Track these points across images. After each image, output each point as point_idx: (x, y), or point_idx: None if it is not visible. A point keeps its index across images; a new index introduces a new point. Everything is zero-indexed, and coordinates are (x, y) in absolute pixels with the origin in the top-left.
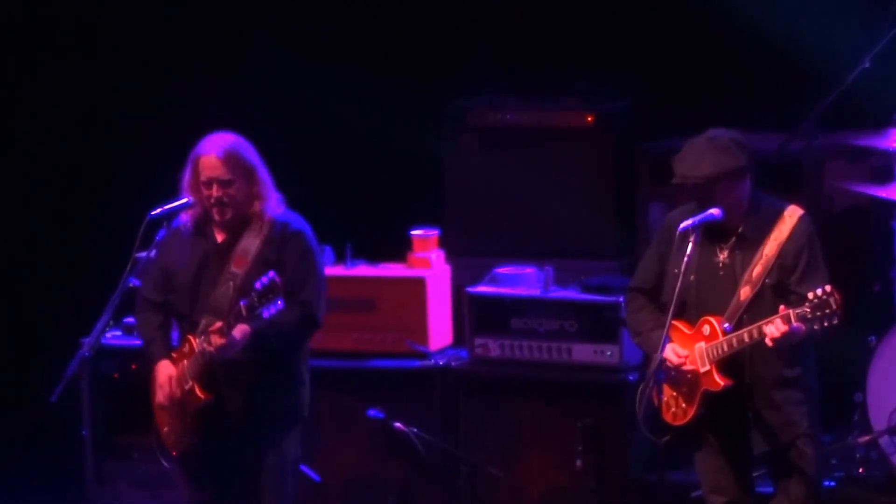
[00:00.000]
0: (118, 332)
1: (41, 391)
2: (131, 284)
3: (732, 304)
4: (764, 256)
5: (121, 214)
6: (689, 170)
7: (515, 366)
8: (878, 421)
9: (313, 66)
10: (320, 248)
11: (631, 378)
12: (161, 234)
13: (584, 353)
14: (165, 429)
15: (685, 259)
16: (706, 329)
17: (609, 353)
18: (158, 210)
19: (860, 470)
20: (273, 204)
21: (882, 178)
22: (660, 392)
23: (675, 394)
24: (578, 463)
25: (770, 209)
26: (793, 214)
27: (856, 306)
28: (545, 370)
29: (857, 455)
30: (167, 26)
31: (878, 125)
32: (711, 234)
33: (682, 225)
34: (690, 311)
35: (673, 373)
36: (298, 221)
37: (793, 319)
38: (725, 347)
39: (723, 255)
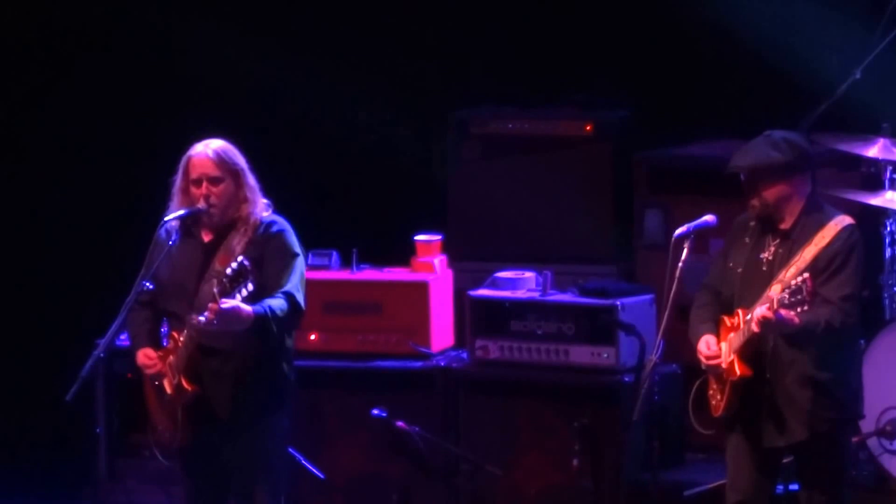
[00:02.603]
0: None
1: (57, 390)
2: (145, 287)
3: (762, 299)
4: (802, 259)
5: (136, 217)
6: (736, 160)
7: (514, 367)
8: (867, 423)
9: (320, 76)
10: (303, 250)
11: (627, 380)
12: (174, 239)
13: (581, 355)
14: (160, 427)
15: (679, 265)
16: (736, 321)
17: (605, 355)
18: (172, 215)
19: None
20: (259, 208)
21: (872, 185)
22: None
23: (715, 386)
24: (574, 462)
25: (821, 216)
26: (839, 223)
27: None
28: (543, 372)
29: None
30: (173, 32)
31: (868, 134)
32: (766, 230)
33: (676, 232)
34: (735, 305)
35: (710, 367)
36: (280, 223)
37: (775, 304)
38: (742, 336)
39: (768, 252)
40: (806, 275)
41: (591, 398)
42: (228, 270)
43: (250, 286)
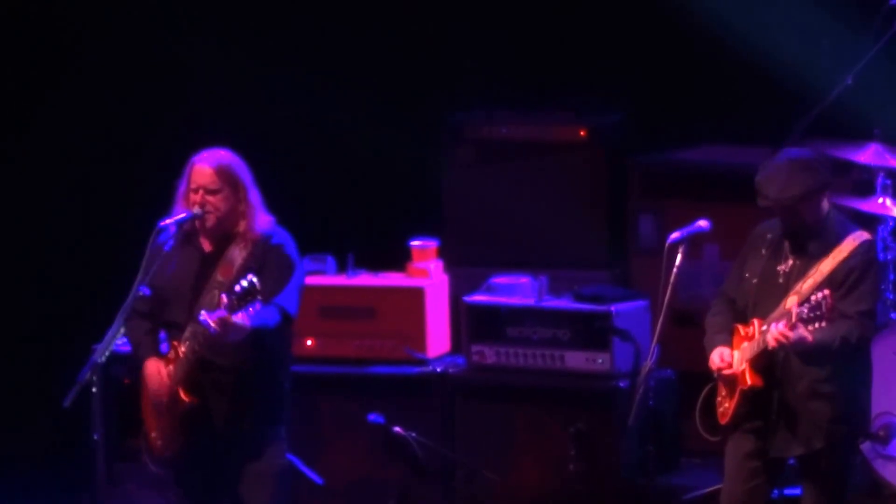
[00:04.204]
0: None
1: (54, 396)
2: (141, 292)
3: (777, 310)
4: (819, 272)
5: (132, 223)
6: (779, 192)
7: (510, 373)
8: None
9: (314, 82)
10: (301, 260)
11: (622, 385)
12: (169, 244)
13: (576, 360)
14: (153, 433)
15: (674, 270)
16: (751, 330)
17: (601, 360)
18: (168, 220)
19: None
20: (258, 224)
21: (864, 191)
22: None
23: (724, 393)
24: (570, 467)
25: (839, 229)
26: (857, 238)
27: None
28: (539, 377)
29: None
30: (173, 37)
31: (860, 140)
32: (783, 242)
33: (670, 237)
34: (749, 314)
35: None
36: (281, 235)
37: (793, 318)
38: (755, 347)
39: (785, 264)
40: (826, 291)
41: (587, 403)
42: (237, 288)
43: (258, 306)
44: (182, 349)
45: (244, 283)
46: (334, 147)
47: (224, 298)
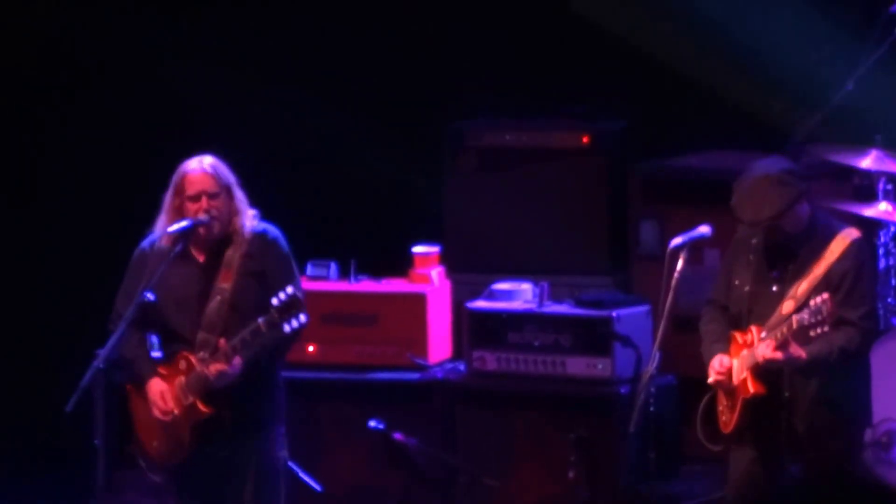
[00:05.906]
0: None
1: (56, 401)
2: (146, 298)
3: (774, 316)
4: (812, 274)
5: (137, 229)
6: (759, 214)
7: (511, 379)
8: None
9: (316, 90)
10: (293, 254)
11: (623, 391)
12: (179, 247)
13: (577, 366)
14: (155, 443)
15: (675, 276)
16: (749, 338)
17: (601, 366)
18: (177, 226)
19: None
20: (248, 219)
21: (865, 197)
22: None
23: (726, 402)
24: (571, 473)
25: (827, 230)
26: (847, 237)
27: None
28: (540, 383)
29: None
30: (171, 56)
31: (861, 145)
32: (773, 249)
33: (672, 243)
34: (743, 322)
35: (720, 383)
36: (272, 230)
37: (794, 325)
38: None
39: (777, 270)
40: (826, 295)
41: (588, 409)
42: (276, 301)
43: (302, 318)
44: (195, 362)
45: (283, 295)
46: (337, 154)
47: (221, 343)
